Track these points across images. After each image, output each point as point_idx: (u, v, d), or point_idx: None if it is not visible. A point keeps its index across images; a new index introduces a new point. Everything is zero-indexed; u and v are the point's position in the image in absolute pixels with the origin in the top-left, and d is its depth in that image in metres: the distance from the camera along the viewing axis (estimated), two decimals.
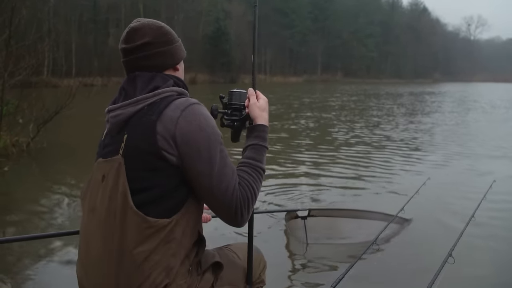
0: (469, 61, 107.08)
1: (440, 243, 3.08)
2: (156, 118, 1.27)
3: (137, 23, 1.44)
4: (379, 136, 10.48)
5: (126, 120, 1.32)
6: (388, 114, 16.49)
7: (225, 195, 1.29)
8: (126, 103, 1.34)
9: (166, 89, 1.35)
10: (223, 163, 1.31)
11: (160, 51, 1.42)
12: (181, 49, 1.52)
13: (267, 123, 1.56)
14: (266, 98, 1.61)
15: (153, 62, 1.41)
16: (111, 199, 1.27)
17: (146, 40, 1.39)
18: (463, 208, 4.16)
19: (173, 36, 1.47)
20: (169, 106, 1.30)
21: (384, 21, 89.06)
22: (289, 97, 26.43)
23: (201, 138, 1.28)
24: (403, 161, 7.39)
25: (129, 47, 1.41)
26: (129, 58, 1.42)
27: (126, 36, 1.42)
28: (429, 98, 28.18)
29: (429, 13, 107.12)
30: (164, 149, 1.24)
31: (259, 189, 1.41)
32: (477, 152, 8.30)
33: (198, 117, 1.30)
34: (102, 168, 1.34)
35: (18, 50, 8.08)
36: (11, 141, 7.57)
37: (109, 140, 1.37)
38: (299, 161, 7.32)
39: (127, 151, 1.28)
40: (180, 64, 1.51)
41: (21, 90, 8.03)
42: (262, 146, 1.49)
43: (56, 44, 35.93)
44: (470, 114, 16.98)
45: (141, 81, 1.37)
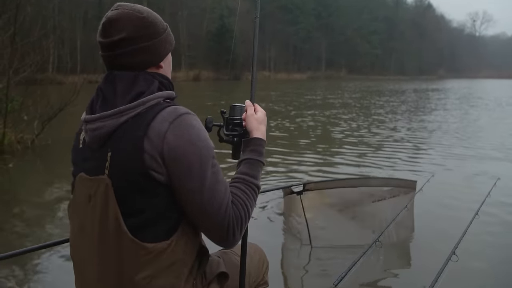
0: (474, 57, 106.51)
1: (444, 241, 3.07)
2: (142, 134, 1.13)
3: (115, 12, 1.24)
4: (382, 134, 10.45)
5: (108, 134, 1.18)
6: (392, 111, 16.43)
7: (218, 214, 1.18)
8: (107, 114, 1.18)
9: (151, 96, 1.19)
10: (215, 179, 1.19)
11: (141, 47, 1.24)
12: (168, 41, 1.32)
13: (264, 137, 1.46)
14: (264, 111, 1.52)
15: (133, 60, 1.24)
16: (103, 225, 1.17)
17: (124, 34, 1.21)
18: (467, 206, 4.15)
19: (157, 27, 1.28)
20: (156, 118, 1.15)
21: (389, 17, 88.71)
22: (290, 94, 26.35)
23: (191, 153, 1.15)
24: (406, 158, 7.37)
25: (106, 42, 1.23)
26: (106, 53, 1.25)
27: (102, 28, 1.24)
28: (433, 95, 28.05)
29: (434, 9, 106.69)
30: (152, 168, 1.13)
31: (253, 207, 1.30)
32: (482, 149, 8.26)
33: (188, 129, 1.17)
34: (87, 187, 1.22)
35: (23, 47, 8.11)
36: (16, 138, 7.62)
37: (90, 154, 1.23)
38: (301, 159, 7.32)
39: (113, 171, 1.16)
40: (165, 60, 1.33)
41: (26, 87, 8.06)
42: (258, 161, 1.39)
43: (61, 41, 36.11)
44: (475, 111, 16.87)
45: (121, 85, 1.21)
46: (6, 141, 7.31)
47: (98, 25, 1.27)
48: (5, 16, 7.58)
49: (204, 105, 17.06)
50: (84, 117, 1.25)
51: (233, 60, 56.02)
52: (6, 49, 7.62)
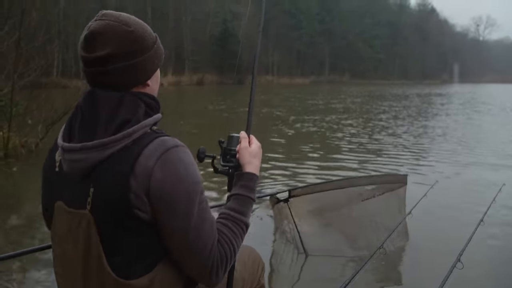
0: (478, 62, 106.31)
1: (448, 248, 3.05)
2: (128, 171, 1.06)
3: (100, 23, 1.12)
4: (384, 139, 10.42)
5: (90, 168, 1.09)
6: (394, 116, 16.39)
7: (202, 254, 1.13)
8: (89, 146, 1.08)
9: (137, 126, 1.10)
10: (202, 216, 1.13)
11: (127, 65, 1.13)
12: (157, 56, 1.21)
13: (257, 172, 1.40)
14: (260, 144, 1.47)
15: (117, 78, 1.14)
16: (85, 262, 1.13)
17: (109, 50, 1.10)
18: (471, 212, 4.13)
19: (145, 42, 1.16)
20: (143, 153, 1.08)
21: (392, 21, 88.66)
22: (292, 99, 26.36)
23: (178, 191, 1.09)
24: (409, 165, 7.32)
25: (88, 57, 1.12)
26: (89, 69, 1.15)
27: (84, 41, 1.13)
28: (437, 100, 27.96)
29: (437, 14, 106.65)
30: (137, 207, 1.07)
31: (239, 246, 1.25)
32: (487, 155, 8.20)
33: (177, 165, 1.10)
34: (67, 218, 1.15)
35: (28, 52, 8.15)
36: (20, 142, 7.64)
37: (68, 183, 1.15)
38: (303, 165, 7.31)
39: (95, 208, 1.09)
40: (153, 77, 1.22)
41: (31, 91, 8.09)
42: (247, 197, 1.33)
43: (66, 45, 36.28)
44: (479, 117, 16.78)
45: (104, 108, 1.11)
46: (10, 145, 7.33)
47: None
48: (10, 21, 7.62)
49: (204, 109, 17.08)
50: (61, 142, 1.15)
51: (236, 65, 56.24)
52: (11, 54, 7.66)
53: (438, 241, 3.72)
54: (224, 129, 11.54)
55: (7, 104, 7.56)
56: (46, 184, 1.27)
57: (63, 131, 1.18)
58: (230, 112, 16.86)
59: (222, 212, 1.30)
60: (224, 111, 17.49)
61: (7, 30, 7.59)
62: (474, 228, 2.75)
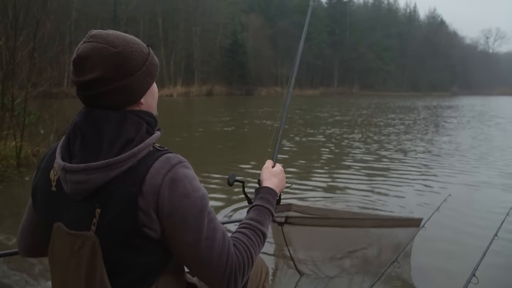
0: (488, 74, 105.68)
1: (463, 262, 3.02)
2: (136, 191, 1.06)
3: (87, 45, 1.12)
4: (396, 152, 10.38)
5: (95, 189, 1.08)
6: (404, 130, 16.32)
7: (219, 262, 1.12)
8: (94, 166, 1.07)
9: (142, 145, 1.11)
10: (212, 227, 1.14)
11: (116, 87, 1.12)
12: (149, 74, 1.19)
13: (276, 188, 1.44)
14: (282, 168, 1.55)
15: (109, 101, 1.13)
16: (89, 285, 1.11)
17: (97, 74, 1.10)
18: (485, 226, 4.09)
19: (133, 61, 1.14)
20: (150, 172, 1.09)
21: (401, 34, 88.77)
22: (295, 111, 26.32)
23: (187, 207, 1.10)
24: (422, 176, 7.29)
25: (78, 81, 1.13)
26: (81, 93, 1.15)
27: (73, 66, 1.13)
28: (447, 113, 27.76)
29: (447, 26, 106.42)
30: (146, 225, 1.07)
31: (257, 254, 1.24)
32: (500, 169, 8.12)
33: (183, 181, 1.11)
34: (68, 240, 1.13)
35: (41, 62, 8.28)
36: (32, 151, 7.71)
37: (69, 204, 1.14)
38: (313, 175, 7.29)
39: (101, 229, 1.08)
40: (146, 95, 1.21)
41: (43, 101, 8.20)
42: (265, 208, 1.35)
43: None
44: (491, 130, 16.60)
45: (106, 128, 1.11)
46: (22, 154, 7.41)
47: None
48: (25, 32, 7.74)
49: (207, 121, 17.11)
50: (61, 163, 1.11)
51: (245, 76, 56.50)
52: (25, 64, 7.77)
53: (452, 255, 3.69)
54: (220, 142, 11.55)
55: (20, 114, 7.66)
56: (40, 204, 1.23)
57: (60, 150, 1.15)
58: (228, 125, 16.59)
59: (240, 223, 1.31)
60: (225, 124, 17.36)
61: (22, 41, 7.70)
62: (489, 243, 2.71)
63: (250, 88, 56.31)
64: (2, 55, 7.51)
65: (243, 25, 61.87)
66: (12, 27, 7.54)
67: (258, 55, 59.92)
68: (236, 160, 8.93)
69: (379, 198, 5.79)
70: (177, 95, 46.32)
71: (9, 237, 4.15)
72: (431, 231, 3.35)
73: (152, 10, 52.97)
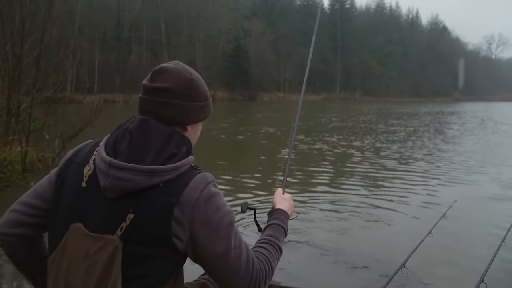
0: (490, 80, 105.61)
1: (470, 268, 3.02)
2: (174, 201, 1.12)
3: (170, 65, 1.29)
4: (398, 158, 10.37)
5: (134, 190, 1.13)
6: (407, 136, 16.30)
7: (246, 269, 1.21)
8: (139, 169, 1.12)
9: (184, 161, 1.19)
10: (238, 238, 1.23)
11: (176, 103, 1.24)
12: (202, 111, 1.33)
13: (288, 210, 1.58)
14: (291, 196, 1.69)
15: (164, 111, 1.24)
16: (98, 287, 1.12)
17: (167, 85, 1.23)
18: (492, 232, 4.09)
19: (198, 93, 1.30)
20: (189, 185, 1.16)
21: (403, 39, 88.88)
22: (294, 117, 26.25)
23: (219, 218, 1.18)
24: (428, 182, 7.28)
25: (148, 86, 1.25)
26: (144, 96, 1.26)
27: (151, 74, 1.28)
28: (451, 119, 27.69)
29: (449, 32, 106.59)
30: (176, 234, 1.12)
31: (275, 266, 1.34)
32: (505, 175, 8.08)
33: (215, 197, 1.20)
34: (85, 242, 1.14)
35: (46, 68, 8.32)
36: (37, 157, 7.74)
37: (99, 202, 1.16)
38: (317, 181, 7.29)
39: (128, 234, 1.11)
40: (193, 126, 1.33)
41: (49, 106, 8.24)
42: (280, 226, 1.48)
43: (80, 61, 36.92)
44: (495, 136, 16.51)
45: (156, 139, 1.19)
46: (27, 159, 7.43)
47: (116, 46, 1.30)
48: (31, 38, 7.80)
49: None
50: (107, 158, 1.16)
51: (248, 81, 56.61)
52: (31, 70, 7.82)
53: (459, 261, 3.69)
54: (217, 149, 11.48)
55: (26, 119, 7.70)
56: (65, 197, 1.23)
57: (105, 147, 1.20)
58: (227, 132, 16.44)
59: (259, 239, 1.42)
60: (223, 131, 17.27)
61: (28, 47, 7.75)
62: (496, 249, 2.71)
63: (252, 93, 56.38)
64: (9, 61, 7.55)
65: (246, 30, 62.02)
66: (19, 33, 7.59)
67: (261, 60, 60.07)
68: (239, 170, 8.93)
69: (384, 205, 5.77)
70: None
71: None
72: (438, 237, 3.36)
73: (155, 16, 53.23)
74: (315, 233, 4.57)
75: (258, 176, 7.61)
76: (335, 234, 4.62)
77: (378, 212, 5.41)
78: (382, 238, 4.39)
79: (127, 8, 51.59)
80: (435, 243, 3.47)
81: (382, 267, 3.29)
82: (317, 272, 3.59)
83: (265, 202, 5.54)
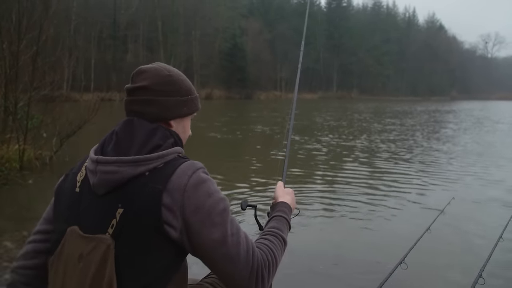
0: (487, 79, 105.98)
1: (468, 263, 3.05)
2: (161, 188, 1.11)
3: (149, 65, 1.33)
4: (398, 156, 10.39)
5: (120, 182, 1.13)
6: (405, 134, 16.33)
7: (246, 257, 1.15)
8: (124, 160, 1.14)
9: (170, 150, 1.20)
10: (236, 226, 1.18)
11: (155, 100, 1.26)
12: (186, 105, 1.33)
13: (291, 204, 1.56)
14: (292, 190, 1.67)
15: (145, 109, 1.26)
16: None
17: (145, 83, 1.26)
18: (489, 228, 4.13)
19: (178, 88, 1.31)
20: (176, 172, 1.14)
21: (400, 38, 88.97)
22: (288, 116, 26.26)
23: (211, 204, 1.15)
24: (425, 179, 7.32)
25: (129, 87, 1.28)
26: (127, 98, 1.29)
27: (131, 76, 1.31)
28: (448, 117, 27.76)
29: (446, 31, 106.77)
30: (167, 222, 1.10)
31: (279, 257, 1.27)
32: (502, 173, 8.14)
33: (206, 183, 1.17)
34: (79, 245, 1.14)
35: (43, 66, 8.29)
36: (35, 155, 7.74)
37: (90, 202, 1.17)
38: (315, 179, 7.30)
39: (119, 231, 1.10)
40: (178, 121, 1.33)
41: (46, 104, 8.21)
42: (283, 217, 1.44)
43: (76, 59, 36.78)
44: (492, 134, 16.58)
45: (140, 134, 1.21)
46: (25, 157, 7.42)
47: (112, 44, 1.31)
48: (28, 36, 7.77)
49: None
50: (94, 156, 1.19)
51: (245, 79, 56.58)
52: (28, 68, 7.80)
53: (457, 256, 3.72)
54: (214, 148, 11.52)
55: (23, 117, 7.68)
56: (60, 207, 1.25)
57: (94, 150, 1.24)
58: (220, 132, 16.43)
59: (261, 232, 1.38)
60: (213, 130, 17.23)
61: (25, 45, 7.73)
62: (494, 244, 2.74)
63: (249, 92, 56.35)
64: (6, 59, 7.53)
65: (242, 29, 61.98)
66: (16, 31, 7.57)
67: (257, 59, 60.04)
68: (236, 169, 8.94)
69: (381, 203, 5.80)
70: None
71: (11, 239, 4.16)
72: (436, 233, 3.38)
73: (152, 14, 53.09)
74: (313, 230, 4.59)
75: (252, 175, 7.63)
76: (334, 231, 4.65)
77: (375, 210, 5.43)
78: (380, 235, 4.42)
79: (123, 6, 51.38)
80: (434, 239, 3.47)
81: (381, 263, 3.31)
82: (317, 268, 3.60)
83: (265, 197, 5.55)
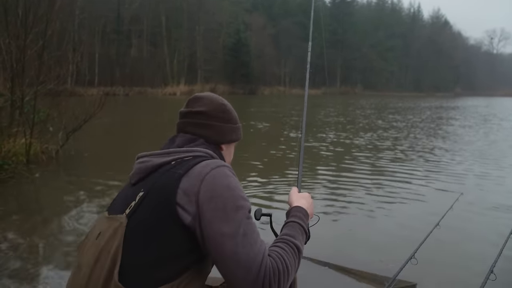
0: (492, 75, 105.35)
1: (480, 259, 3.04)
2: (183, 173, 1.17)
3: (204, 93, 1.48)
4: (404, 153, 10.36)
5: (150, 169, 1.25)
6: (409, 130, 16.26)
7: (254, 263, 1.08)
8: (156, 152, 1.30)
9: (200, 148, 1.31)
10: (251, 228, 1.14)
11: (211, 124, 1.40)
12: (234, 132, 1.47)
13: (306, 208, 1.45)
14: (309, 194, 1.58)
15: (200, 131, 1.38)
16: (98, 261, 1.13)
17: (202, 109, 1.40)
18: (499, 224, 4.12)
19: (230, 117, 1.46)
20: (201, 163, 1.21)
21: (405, 34, 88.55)
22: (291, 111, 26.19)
23: (229, 196, 1.14)
24: (434, 175, 7.29)
25: (185, 111, 1.43)
26: (181, 120, 1.42)
27: (187, 101, 1.45)
28: (453, 114, 27.50)
29: (451, 27, 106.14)
30: (181, 204, 1.11)
31: (292, 266, 1.18)
32: (510, 169, 8.08)
33: (229, 178, 1.19)
34: (101, 224, 1.22)
35: (49, 60, 8.30)
36: (41, 148, 7.76)
37: (122, 193, 1.31)
38: (320, 177, 7.30)
39: (134, 211, 1.16)
40: (228, 146, 1.46)
41: (52, 99, 8.24)
42: (297, 223, 1.34)
43: (80, 54, 36.86)
44: (500, 132, 16.33)
45: (180, 140, 1.36)
46: (32, 151, 7.45)
47: (116, 39, 1.38)
48: (34, 30, 7.78)
49: None
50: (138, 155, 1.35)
51: (248, 75, 56.48)
52: (34, 62, 7.81)
53: (468, 252, 3.71)
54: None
55: (30, 111, 7.70)
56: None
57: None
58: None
59: (274, 240, 1.30)
60: None
61: (31, 39, 7.74)
62: (505, 240, 2.73)
63: (253, 87, 56.25)
64: (12, 53, 7.54)
65: (246, 24, 61.79)
66: (22, 26, 7.57)
67: (261, 54, 59.93)
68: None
69: (388, 200, 5.78)
70: (180, 93, 46.27)
71: (18, 232, 4.17)
72: (445, 229, 3.38)
73: (156, 9, 53.02)
74: (321, 229, 4.57)
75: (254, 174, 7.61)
76: (343, 228, 4.62)
77: (383, 206, 5.40)
78: (389, 231, 4.39)
79: (127, 1, 51.36)
80: (443, 235, 3.48)
81: (392, 259, 3.30)
82: (327, 264, 3.60)
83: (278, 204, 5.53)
